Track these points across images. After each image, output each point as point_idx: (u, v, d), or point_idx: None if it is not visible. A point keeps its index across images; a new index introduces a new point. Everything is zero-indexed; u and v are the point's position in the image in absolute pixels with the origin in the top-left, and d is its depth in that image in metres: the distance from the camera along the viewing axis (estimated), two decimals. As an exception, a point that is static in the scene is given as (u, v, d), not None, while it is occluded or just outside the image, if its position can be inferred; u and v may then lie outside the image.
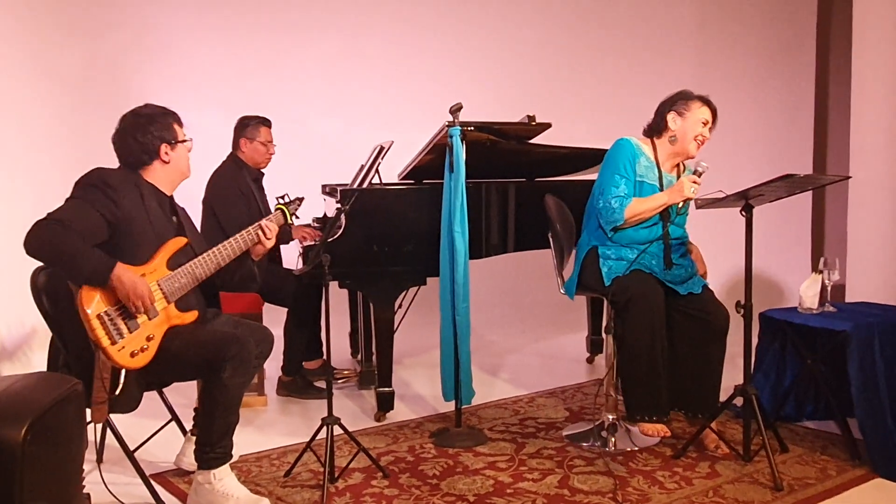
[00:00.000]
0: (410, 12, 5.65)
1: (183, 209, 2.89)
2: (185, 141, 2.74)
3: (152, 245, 2.60)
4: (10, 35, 4.08)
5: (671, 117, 3.20)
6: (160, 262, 2.60)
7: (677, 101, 3.22)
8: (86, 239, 2.41)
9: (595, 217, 3.24)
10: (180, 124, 2.77)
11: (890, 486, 2.83)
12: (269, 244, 2.81)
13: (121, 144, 2.69)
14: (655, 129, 3.25)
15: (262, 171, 4.12)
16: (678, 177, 3.26)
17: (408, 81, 5.58)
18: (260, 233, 2.76)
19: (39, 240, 2.37)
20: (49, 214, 2.42)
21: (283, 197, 2.94)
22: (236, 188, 3.92)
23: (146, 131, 2.66)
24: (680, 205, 3.12)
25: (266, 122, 4.05)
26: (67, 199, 2.52)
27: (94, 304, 2.40)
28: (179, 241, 2.68)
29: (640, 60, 5.78)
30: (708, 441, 3.11)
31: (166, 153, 2.69)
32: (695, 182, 3.04)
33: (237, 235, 2.76)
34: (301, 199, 2.98)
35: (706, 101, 3.21)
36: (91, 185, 2.53)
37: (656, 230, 3.16)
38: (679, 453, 3.05)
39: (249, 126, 4.01)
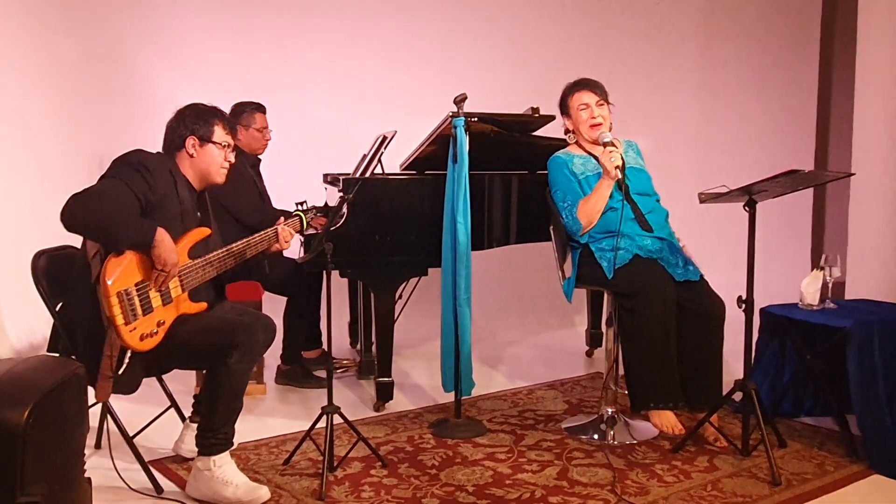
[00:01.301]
0: (415, 2, 5.63)
1: (208, 205, 2.91)
2: (218, 143, 2.73)
3: (178, 232, 2.60)
4: (10, 20, 4.06)
5: (564, 120, 3.38)
6: (182, 249, 2.61)
7: (560, 104, 3.38)
8: (124, 209, 2.43)
9: None
10: (226, 130, 2.77)
11: (887, 482, 2.84)
12: (285, 247, 2.88)
13: (166, 127, 2.74)
14: (567, 132, 3.40)
15: (259, 157, 4.11)
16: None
17: (411, 71, 5.55)
18: (277, 237, 2.84)
19: (80, 210, 2.37)
20: (85, 189, 2.43)
21: (301, 203, 2.99)
22: (238, 175, 3.90)
23: (182, 120, 2.71)
24: (620, 176, 3.08)
25: (261, 109, 4.03)
26: (102, 177, 2.53)
27: (114, 280, 2.39)
28: (203, 231, 2.71)
29: (643, 54, 5.76)
30: (707, 433, 3.11)
31: (192, 146, 2.70)
32: (610, 153, 3.08)
33: (255, 236, 2.81)
34: (321, 208, 3.02)
35: (575, 87, 3.32)
36: (128, 164, 2.55)
37: (626, 210, 3.17)
38: (678, 447, 3.06)
39: (244, 113, 3.99)
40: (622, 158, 3.09)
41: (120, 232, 2.40)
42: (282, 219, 2.93)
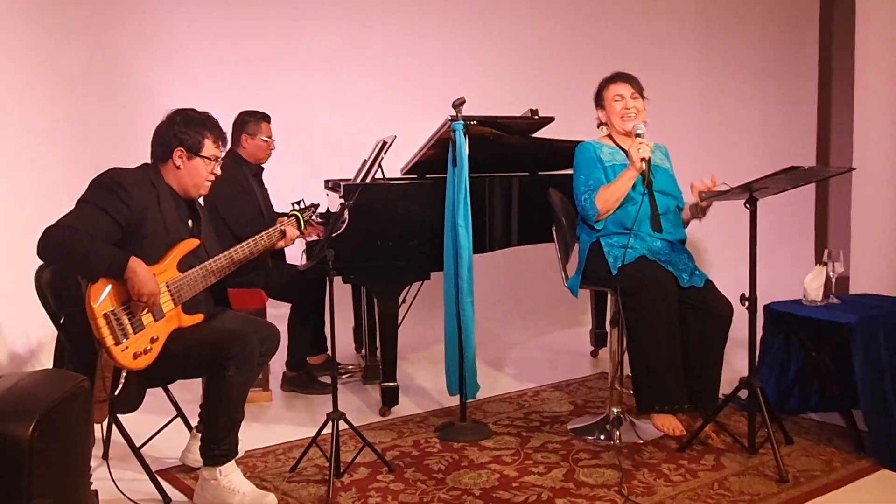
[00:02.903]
0: (414, 6, 5.64)
1: (204, 212, 2.90)
2: (206, 157, 2.69)
3: (164, 246, 2.59)
4: (12, 29, 4.07)
5: (598, 113, 3.42)
6: (171, 263, 2.59)
7: (595, 97, 3.42)
8: (96, 239, 2.42)
9: None
10: (216, 144, 2.72)
11: (894, 477, 2.84)
12: (290, 244, 2.88)
13: (155, 132, 2.70)
14: (600, 125, 3.45)
15: (262, 165, 4.12)
16: None
17: (411, 76, 5.56)
18: (281, 235, 2.82)
19: (52, 245, 2.39)
20: (58, 221, 2.43)
21: (298, 203, 2.95)
22: (238, 185, 3.92)
23: (172, 129, 2.66)
24: (644, 167, 3.10)
25: (266, 118, 4.05)
26: (78, 202, 2.51)
27: (101, 302, 2.39)
28: (192, 243, 2.68)
29: (642, 53, 5.75)
30: (703, 432, 3.11)
31: (180, 158, 2.66)
32: (640, 144, 3.11)
33: (254, 238, 2.78)
34: (316, 206, 3.01)
35: (612, 79, 3.38)
36: (103, 185, 2.53)
37: (645, 207, 3.18)
38: (684, 446, 3.06)
39: (250, 122, 4.00)
40: (650, 153, 3.10)
41: (90, 266, 2.39)
42: (284, 219, 2.92)
